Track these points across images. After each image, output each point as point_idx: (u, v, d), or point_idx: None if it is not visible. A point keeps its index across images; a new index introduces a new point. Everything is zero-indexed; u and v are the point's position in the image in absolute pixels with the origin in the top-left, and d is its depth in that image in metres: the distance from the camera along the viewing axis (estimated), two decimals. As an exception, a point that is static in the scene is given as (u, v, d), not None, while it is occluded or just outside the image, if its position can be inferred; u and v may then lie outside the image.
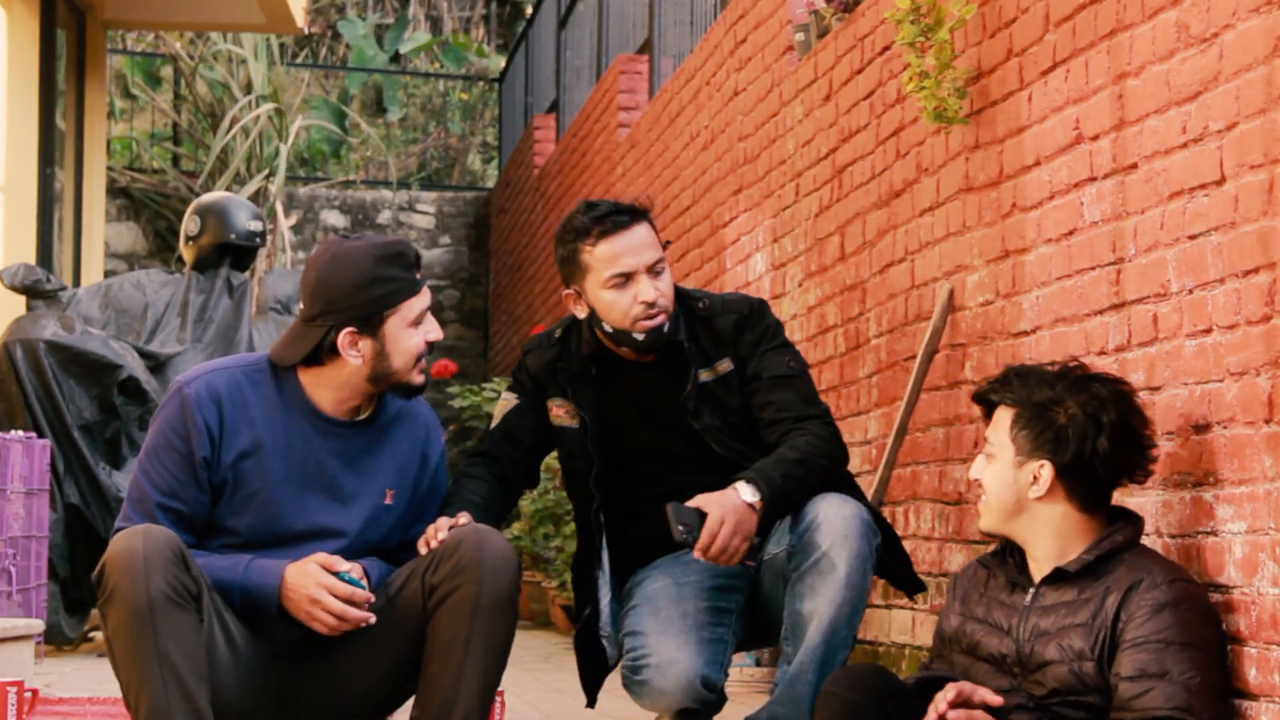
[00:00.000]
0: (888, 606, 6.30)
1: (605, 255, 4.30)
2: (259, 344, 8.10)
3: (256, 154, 15.63)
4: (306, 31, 15.08)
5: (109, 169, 15.23)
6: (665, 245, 4.41)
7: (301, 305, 3.99)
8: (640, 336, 4.32)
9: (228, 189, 15.04)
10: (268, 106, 15.46)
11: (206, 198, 8.35)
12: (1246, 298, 3.77)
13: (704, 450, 4.38)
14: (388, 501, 4.02)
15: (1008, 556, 3.88)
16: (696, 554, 4.11)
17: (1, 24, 9.80)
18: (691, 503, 4.13)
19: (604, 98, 11.81)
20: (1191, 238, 4.04)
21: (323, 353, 3.95)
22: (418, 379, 3.99)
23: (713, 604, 4.36)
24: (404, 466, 4.06)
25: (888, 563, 4.36)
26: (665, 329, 4.33)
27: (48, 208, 10.87)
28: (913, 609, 6.09)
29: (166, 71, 17.63)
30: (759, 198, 8.03)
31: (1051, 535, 3.79)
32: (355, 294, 3.91)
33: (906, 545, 6.14)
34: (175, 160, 16.72)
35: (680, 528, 4.10)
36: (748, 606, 4.44)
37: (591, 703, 4.55)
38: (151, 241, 16.23)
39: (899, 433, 5.98)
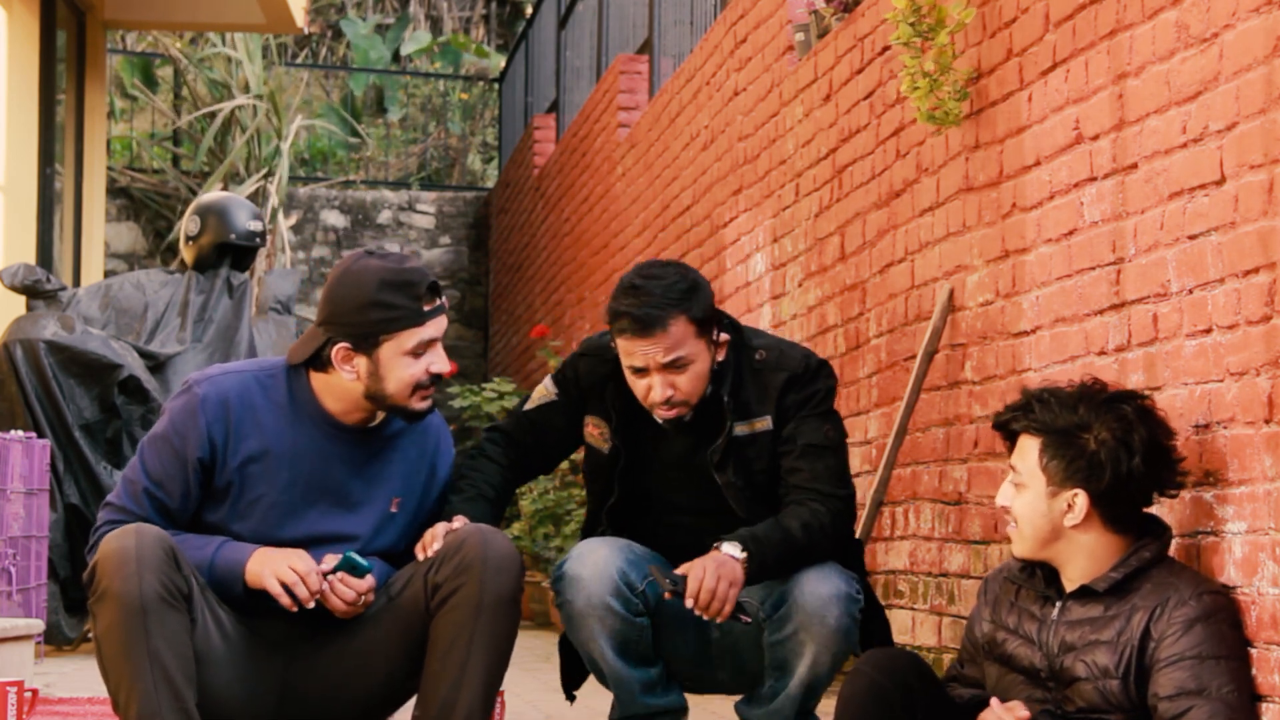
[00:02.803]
0: (887, 606, 6.29)
1: (622, 349, 4.25)
2: (259, 344, 8.11)
3: (255, 153, 15.62)
4: (306, 31, 15.07)
5: (109, 169, 15.23)
6: (719, 326, 4.27)
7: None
8: (659, 419, 4.28)
9: (225, 188, 15.03)
10: (247, 98, 15.41)
11: (206, 197, 8.35)
12: (1246, 298, 3.77)
13: (722, 505, 4.33)
14: (393, 510, 4.02)
15: (1035, 570, 3.85)
16: (688, 603, 4.10)
17: (1, 24, 9.79)
18: (678, 570, 4.15)
19: (604, 98, 11.81)
20: (1191, 238, 4.04)
21: (324, 360, 3.95)
22: (417, 405, 3.96)
23: (654, 553, 4.37)
24: (411, 475, 4.05)
25: (864, 631, 4.35)
26: (687, 418, 4.27)
27: (48, 208, 10.87)
28: (913, 609, 6.09)
29: (165, 72, 17.63)
30: (759, 198, 8.03)
31: (1086, 557, 3.76)
32: (353, 313, 3.91)
33: (906, 545, 6.14)
34: (175, 160, 16.71)
35: (668, 581, 4.12)
36: (706, 651, 4.44)
37: (570, 698, 4.58)
38: (151, 241, 16.23)
39: (899, 433, 5.98)
